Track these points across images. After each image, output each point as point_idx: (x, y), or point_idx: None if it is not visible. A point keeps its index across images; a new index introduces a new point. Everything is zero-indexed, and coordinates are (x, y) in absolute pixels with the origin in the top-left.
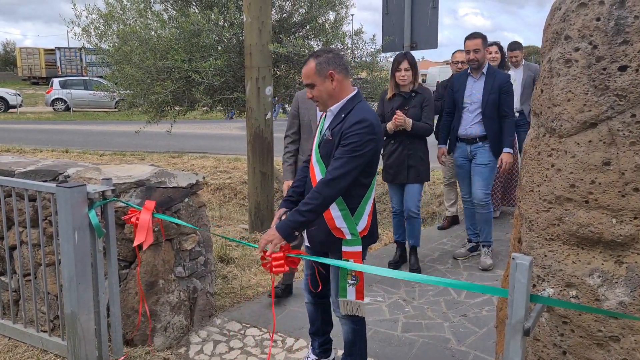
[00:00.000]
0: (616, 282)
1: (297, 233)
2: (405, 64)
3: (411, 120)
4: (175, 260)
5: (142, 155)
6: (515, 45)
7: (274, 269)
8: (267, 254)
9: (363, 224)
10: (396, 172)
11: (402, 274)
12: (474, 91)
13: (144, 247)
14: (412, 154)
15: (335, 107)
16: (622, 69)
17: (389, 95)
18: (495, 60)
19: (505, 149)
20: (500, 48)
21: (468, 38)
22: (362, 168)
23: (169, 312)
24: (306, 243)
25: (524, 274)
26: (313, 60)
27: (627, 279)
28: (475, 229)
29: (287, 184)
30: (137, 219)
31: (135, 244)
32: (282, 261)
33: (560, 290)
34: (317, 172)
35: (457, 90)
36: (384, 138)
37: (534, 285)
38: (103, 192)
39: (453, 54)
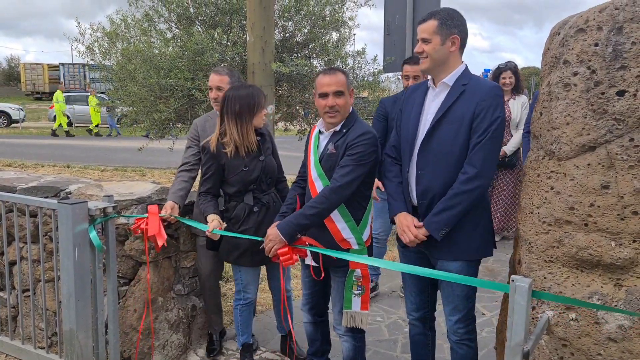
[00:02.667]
0: (616, 306)
1: (299, 235)
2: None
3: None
4: (175, 278)
5: (143, 171)
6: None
7: (283, 264)
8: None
9: (367, 234)
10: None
11: (412, 268)
12: None
13: (159, 246)
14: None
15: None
16: (620, 93)
17: (229, 151)
18: (511, 84)
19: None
20: (515, 72)
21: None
22: (364, 178)
23: (167, 330)
24: (311, 262)
25: (523, 296)
26: (342, 73)
27: (626, 302)
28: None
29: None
30: (147, 223)
31: (150, 233)
32: (289, 254)
33: (560, 313)
34: (319, 187)
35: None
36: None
37: (534, 308)
38: (104, 208)
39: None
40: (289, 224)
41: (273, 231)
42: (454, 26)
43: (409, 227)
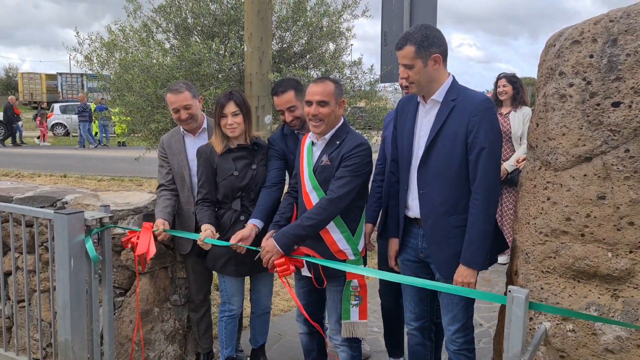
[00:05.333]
0: (613, 317)
1: (295, 246)
2: (231, 107)
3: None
4: (171, 288)
5: (140, 181)
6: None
7: (280, 274)
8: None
9: (362, 244)
10: (254, 260)
11: (411, 279)
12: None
13: (148, 258)
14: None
15: (328, 135)
16: (616, 104)
17: (219, 150)
18: (506, 94)
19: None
20: (511, 81)
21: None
22: (359, 189)
23: (163, 340)
24: (307, 273)
25: (520, 307)
26: (332, 83)
27: (623, 313)
28: None
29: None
30: (138, 237)
31: (138, 252)
32: (286, 265)
33: (557, 324)
34: (315, 198)
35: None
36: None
37: (531, 319)
38: (100, 218)
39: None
40: (285, 235)
41: (269, 242)
42: (431, 45)
43: (391, 257)
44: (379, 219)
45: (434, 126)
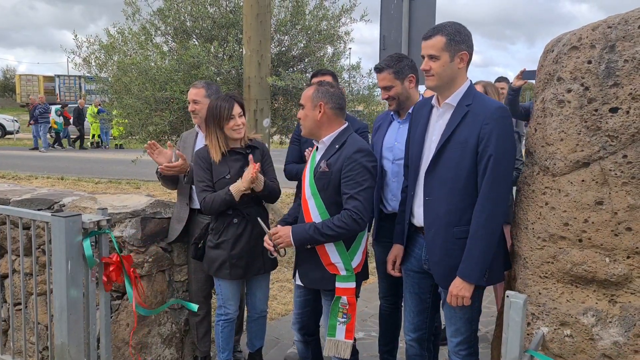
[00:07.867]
0: (610, 322)
1: (309, 246)
2: (237, 108)
3: (262, 177)
4: (168, 292)
5: (137, 183)
6: (501, 78)
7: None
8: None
9: (358, 260)
10: (248, 263)
11: None
12: (398, 140)
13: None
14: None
15: (327, 139)
16: (613, 110)
17: (216, 158)
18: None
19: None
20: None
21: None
22: None
23: (160, 344)
24: (298, 282)
25: (518, 312)
26: (313, 87)
27: (621, 319)
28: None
29: None
30: (113, 268)
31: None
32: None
33: (555, 329)
34: (312, 206)
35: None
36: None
37: (529, 324)
38: (98, 221)
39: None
40: (302, 233)
41: (286, 229)
42: (462, 41)
43: (389, 260)
44: (373, 223)
45: (444, 131)
